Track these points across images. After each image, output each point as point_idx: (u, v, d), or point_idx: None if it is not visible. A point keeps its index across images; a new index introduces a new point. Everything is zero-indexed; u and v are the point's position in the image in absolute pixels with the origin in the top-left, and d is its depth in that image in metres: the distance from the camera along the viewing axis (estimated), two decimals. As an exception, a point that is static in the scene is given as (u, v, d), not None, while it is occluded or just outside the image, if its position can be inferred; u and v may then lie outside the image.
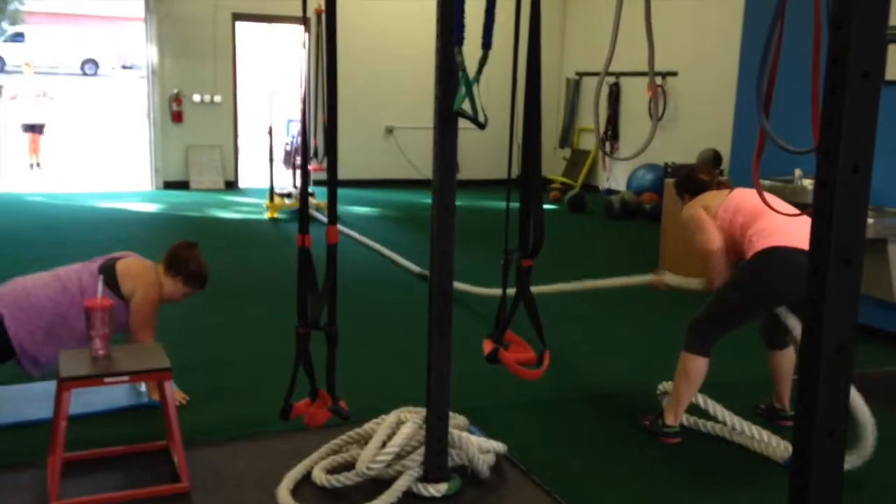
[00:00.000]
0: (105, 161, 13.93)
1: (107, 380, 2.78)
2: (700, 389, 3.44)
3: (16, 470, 2.99)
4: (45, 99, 12.28)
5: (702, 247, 3.46)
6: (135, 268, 3.58)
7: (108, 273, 3.48)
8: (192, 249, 3.72)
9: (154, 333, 3.55)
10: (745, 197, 3.48)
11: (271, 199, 8.97)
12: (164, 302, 3.68)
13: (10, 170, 11.93)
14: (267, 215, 8.86)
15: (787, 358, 3.65)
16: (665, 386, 3.69)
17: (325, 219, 4.96)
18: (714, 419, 3.49)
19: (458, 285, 5.15)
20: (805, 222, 3.22)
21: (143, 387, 3.72)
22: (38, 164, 12.18)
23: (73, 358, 2.88)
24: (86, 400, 3.43)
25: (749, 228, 3.35)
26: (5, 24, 29.78)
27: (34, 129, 12.07)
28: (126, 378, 2.84)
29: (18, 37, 28.65)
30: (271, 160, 9.00)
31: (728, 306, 3.40)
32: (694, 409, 3.54)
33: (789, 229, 3.23)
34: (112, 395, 3.59)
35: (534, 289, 2.80)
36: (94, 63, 29.92)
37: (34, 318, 3.36)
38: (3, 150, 13.33)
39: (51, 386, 3.49)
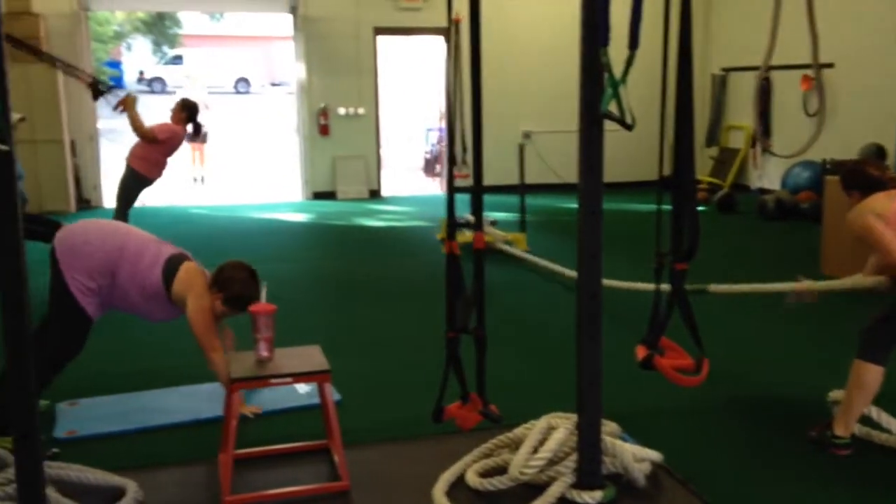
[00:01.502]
0: (259, 174, 14.67)
1: (272, 381, 2.93)
2: (875, 400, 3.23)
3: (191, 465, 3.19)
4: (206, 111, 12.99)
5: (892, 261, 3.19)
6: (192, 273, 3.48)
7: (172, 269, 3.45)
8: (240, 271, 3.49)
9: (218, 340, 3.40)
10: None
11: (451, 234, 8.56)
12: (216, 318, 3.48)
13: (176, 184, 12.77)
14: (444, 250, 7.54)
15: None
16: (835, 395, 3.48)
17: (516, 252, 4.90)
18: (889, 432, 3.27)
19: (610, 282, 5.05)
20: None
21: (301, 389, 3.89)
22: (202, 179, 12.95)
23: (241, 360, 3.06)
24: (251, 400, 3.63)
25: None
26: (165, 48, 31.97)
27: (196, 138, 12.75)
28: (289, 380, 2.97)
29: (177, 59, 30.71)
30: (451, 191, 9.02)
31: None
32: (866, 420, 3.33)
33: None
34: (272, 396, 3.78)
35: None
36: (246, 81, 31.62)
37: (84, 264, 3.38)
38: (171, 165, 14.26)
39: (212, 388, 3.73)
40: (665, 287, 2.74)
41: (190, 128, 7.06)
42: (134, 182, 6.98)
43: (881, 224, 3.19)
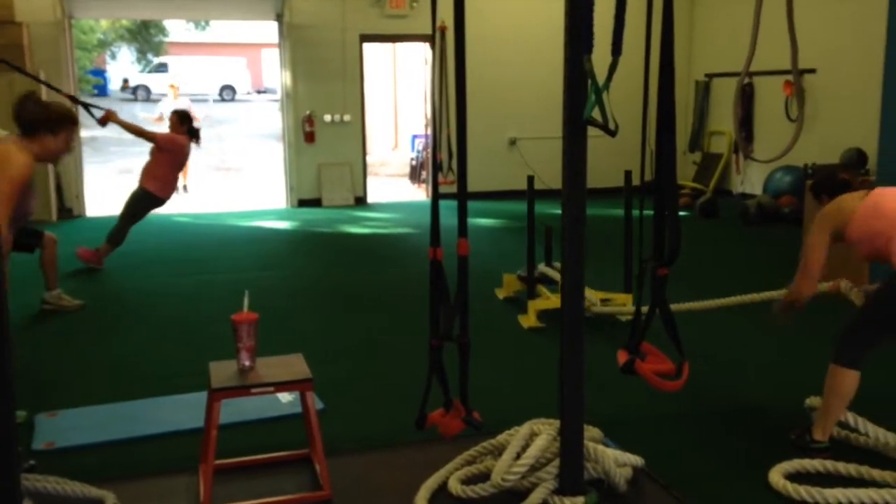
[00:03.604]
0: (244, 181, 14.62)
1: (254, 390, 2.90)
2: (854, 405, 3.25)
3: (171, 476, 3.16)
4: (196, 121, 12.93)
5: (798, 287, 3.41)
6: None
7: None
8: (28, 102, 3.56)
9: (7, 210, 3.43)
10: (885, 198, 3.25)
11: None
12: (50, 161, 3.59)
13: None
14: (500, 295, 6.14)
15: None
16: (812, 401, 3.51)
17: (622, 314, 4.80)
18: (866, 435, 3.29)
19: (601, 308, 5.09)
20: None
21: (283, 398, 3.87)
22: (185, 188, 12.89)
23: (222, 370, 3.03)
24: (232, 409, 3.59)
25: (893, 240, 3.13)
26: (150, 56, 31.89)
27: (197, 142, 12.71)
28: (271, 389, 2.95)
29: (162, 67, 30.63)
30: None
31: (876, 318, 3.21)
32: (844, 424, 3.35)
33: None
34: (255, 405, 3.75)
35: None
36: (232, 89, 31.56)
37: None
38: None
39: (201, 397, 3.70)
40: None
41: (191, 136, 7.21)
42: (147, 202, 7.16)
43: (821, 243, 3.35)
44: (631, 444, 3.23)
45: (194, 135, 7.24)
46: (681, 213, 4.05)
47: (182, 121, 7.19)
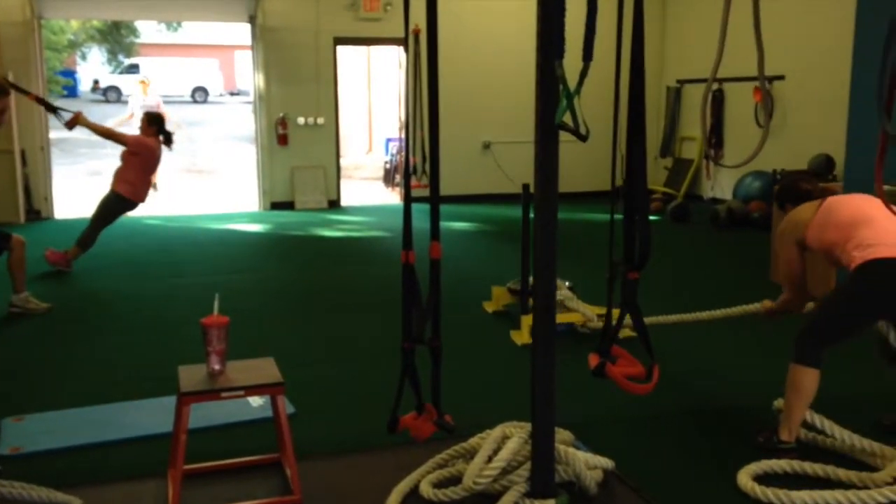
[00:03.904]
0: (216, 184, 14.51)
1: (224, 394, 2.88)
2: (820, 404, 3.30)
3: (140, 481, 3.13)
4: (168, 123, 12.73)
5: (779, 278, 3.58)
6: None
7: None
8: None
9: None
10: (837, 208, 3.39)
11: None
12: None
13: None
14: (489, 308, 5.84)
15: None
16: (779, 403, 3.55)
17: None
18: (833, 437, 3.34)
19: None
20: None
21: (254, 402, 3.84)
22: (154, 187, 12.75)
23: (192, 374, 3.00)
24: (202, 414, 3.57)
25: (847, 242, 3.26)
26: (121, 57, 31.56)
27: (170, 146, 12.57)
28: (241, 393, 2.93)
29: (133, 68, 30.34)
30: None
31: (835, 317, 3.29)
32: (812, 426, 3.40)
33: (891, 240, 3.14)
34: (225, 410, 3.72)
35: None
36: (204, 91, 31.34)
37: None
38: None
39: (170, 401, 3.67)
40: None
41: (162, 139, 7.15)
42: (119, 206, 7.08)
43: (792, 255, 3.50)
44: (602, 447, 3.26)
45: (166, 137, 7.17)
46: (653, 218, 4.09)
47: (151, 122, 7.12)
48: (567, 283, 5.45)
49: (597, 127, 3.99)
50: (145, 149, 7.01)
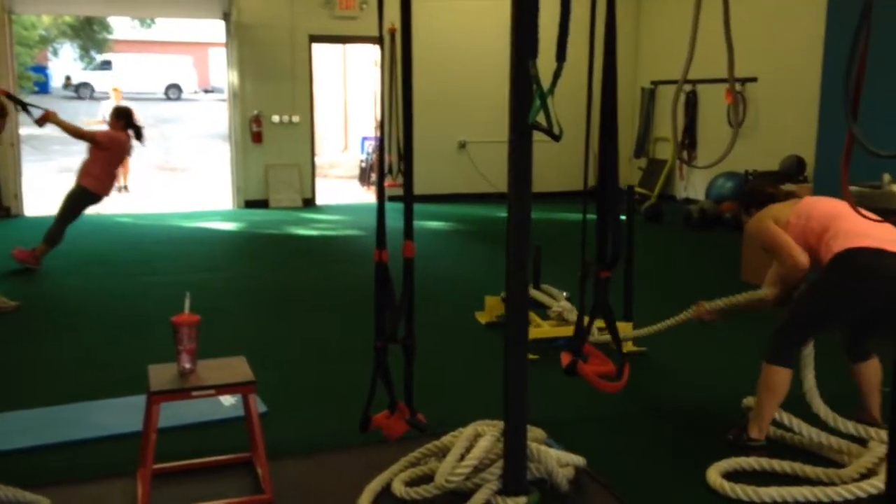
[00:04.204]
0: (189, 181, 14.39)
1: (194, 393, 2.86)
2: (790, 402, 3.34)
3: (109, 481, 3.10)
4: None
5: (792, 265, 3.34)
6: None
7: None
8: None
9: None
10: (817, 203, 3.42)
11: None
12: None
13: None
14: (482, 319, 5.49)
15: (872, 369, 3.53)
16: (749, 401, 3.60)
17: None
18: (800, 434, 3.39)
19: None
20: (886, 227, 3.13)
21: (226, 401, 3.82)
22: (125, 188, 12.63)
23: (162, 373, 2.98)
24: (172, 413, 3.53)
25: (826, 233, 3.28)
26: (94, 53, 31.19)
27: (140, 140, 12.43)
28: (212, 392, 2.91)
29: (106, 65, 29.98)
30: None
31: (809, 313, 3.32)
32: (780, 423, 3.44)
33: (870, 231, 3.16)
34: (197, 409, 3.69)
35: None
36: (178, 88, 31.04)
37: None
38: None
39: (140, 400, 3.63)
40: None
41: (132, 133, 7.06)
42: (83, 199, 6.99)
43: (779, 227, 3.38)
44: (574, 445, 3.28)
45: (136, 132, 7.09)
46: (623, 218, 4.12)
47: (119, 117, 7.04)
48: (565, 294, 5.20)
49: (571, 127, 4.02)
50: (116, 144, 6.94)
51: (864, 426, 3.37)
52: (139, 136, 7.15)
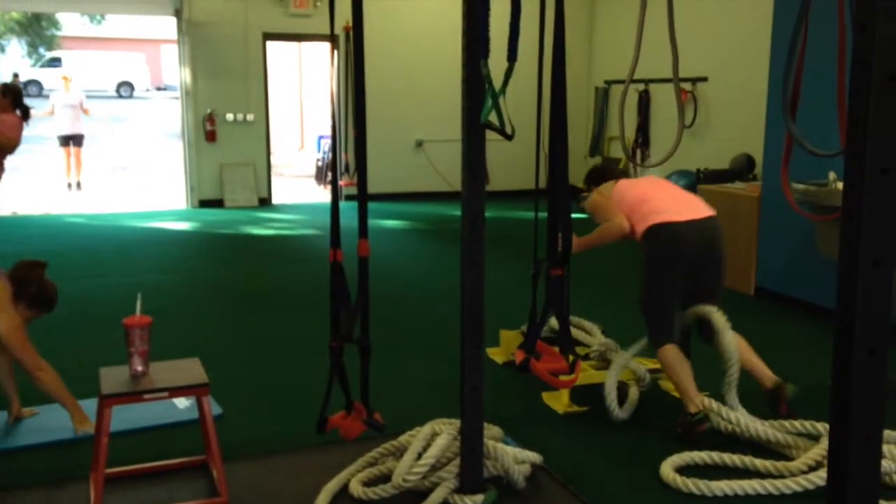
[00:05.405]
0: (142, 181, 14.17)
1: (146, 396, 2.83)
2: (746, 397, 3.44)
3: (59, 486, 3.05)
4: (81, 111, 12.29)
5: (619, 228, 3.80)
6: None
7: None
8: (34, 269, 3.44)
9: (39, 357, 3.43)
10: (626, 188, 3.90)
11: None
12: None
13: (49, 190, 12.16)
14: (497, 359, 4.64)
15: (736, 341, 3.66)
16: (666, 383, 3.93)
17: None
18: (736, 424, 3.48)
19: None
20: (684, 198, 3.76)
21: (181, 403, 3.78)
22: (77, 185, 12.37)
23: (114, 375, 2.94)
24: (125, 416, 3.49)
25: (633, 214, 3.73)
26: (42, 50, 30.50)
27: (72, 141, 12.14)
28: (165, 394, 2.88)
29: (55, 62, 29.34)
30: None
31: (650, 289, 3.70)
32: (727, 419, 3.51)
33: (669, 207, 3.64)
34: (152, 412, 3.65)
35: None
36: (130, 85, 30.52)
37: None
38: (43, 171, 13.63)
39: (92, 403, 3.57)
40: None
41: (20, 112, 6.50)
42: None
43: (604, 198, 3.90)
44: (530, 442, 3.31)
45: (24, 111, 6.56)
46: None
47: (6, 94, 6.34)
48: (600, 329, 4.59)
49: (526, 126, 4.06)
50: (8, 127, 6.25)
51: (799, 422, 3.46)
52: (26, 115, 6.55)
